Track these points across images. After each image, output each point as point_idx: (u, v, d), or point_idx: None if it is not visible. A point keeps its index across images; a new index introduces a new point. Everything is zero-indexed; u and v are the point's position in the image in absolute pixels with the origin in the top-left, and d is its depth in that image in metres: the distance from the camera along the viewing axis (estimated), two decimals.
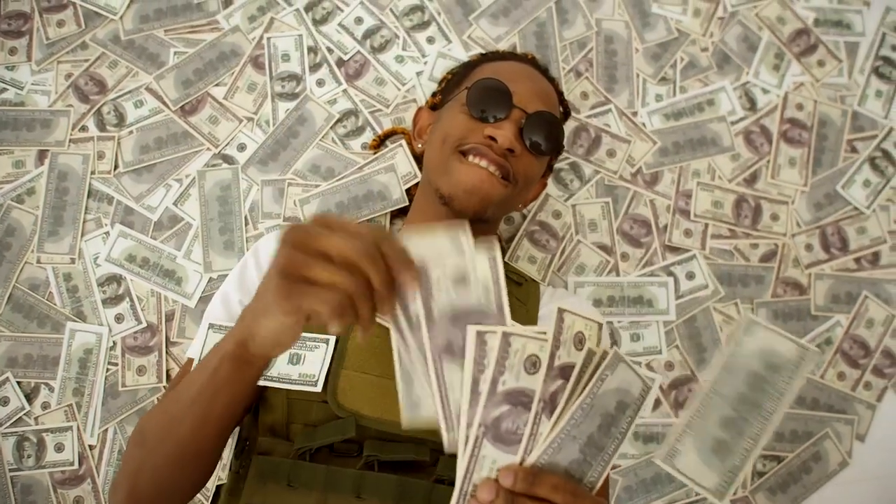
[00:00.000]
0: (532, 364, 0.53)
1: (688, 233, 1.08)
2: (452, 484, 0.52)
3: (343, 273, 0.48)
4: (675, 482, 1.01)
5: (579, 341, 0.54)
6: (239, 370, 0.60)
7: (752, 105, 1.13)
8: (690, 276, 1.06)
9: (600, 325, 0.56)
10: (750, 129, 1.12)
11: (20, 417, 0.96)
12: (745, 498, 1.02)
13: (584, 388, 0.53)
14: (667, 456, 0.54)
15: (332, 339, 0.76)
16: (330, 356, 0.75)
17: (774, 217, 1.09)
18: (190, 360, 0.83)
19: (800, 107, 1.13)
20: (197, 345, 0.82)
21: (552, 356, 0.53)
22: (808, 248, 1.09)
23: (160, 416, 0.70)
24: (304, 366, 0.75)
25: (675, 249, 1.08)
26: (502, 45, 1.10)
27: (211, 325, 0.83)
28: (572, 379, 0.53)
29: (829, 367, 1.06)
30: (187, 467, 0.69)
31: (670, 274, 1.06)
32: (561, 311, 0.53)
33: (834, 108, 1.13)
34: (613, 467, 1.01)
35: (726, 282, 1.07)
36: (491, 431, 0.52)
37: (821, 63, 1.14)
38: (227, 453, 0.81)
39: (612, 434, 0.55)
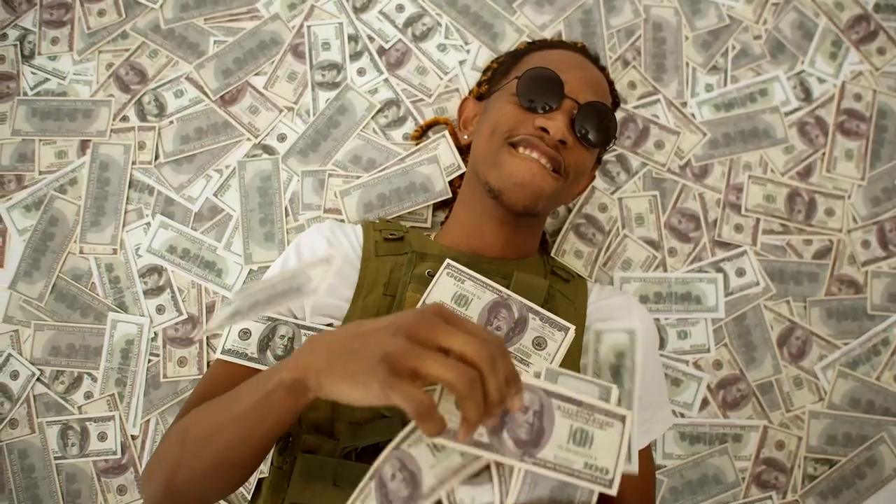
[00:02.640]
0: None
1: (738, 228, 1.05)
2: None
3: (460, 369, 0.48)
4: (722, 483, 0.99)
5: None
6: (293, 400, 0.58)
7: (806, 95, 1.08)
8: (741, 272, 1.03)
9: None
10: (804, 120, 1.07)
11: (64, 406, 0.97)
12: (795, 502, 0.99)
13: None
14: None
15: None
16: None
17: (829, 212, 1.05)
18: (220, 362, 0.79)
19: (858, 97, 1.08)
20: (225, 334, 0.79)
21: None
22: (865, 244, 1.05)
23: (205, 421, 0.68)
24: None
25: (724, 245, 1.04)
26: (547, 33, 1.07)
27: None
28: None
29: (886, 369, 1.02)
30: (224, 474, 0.67)
31: (720, 270, 1.03)
32: None
33: (894, 98, 1.08)
34: (658, 468, 0.98)
35: (778, 279, 1.03)
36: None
37: (881, 51, 1.09)
38: None
39: None
